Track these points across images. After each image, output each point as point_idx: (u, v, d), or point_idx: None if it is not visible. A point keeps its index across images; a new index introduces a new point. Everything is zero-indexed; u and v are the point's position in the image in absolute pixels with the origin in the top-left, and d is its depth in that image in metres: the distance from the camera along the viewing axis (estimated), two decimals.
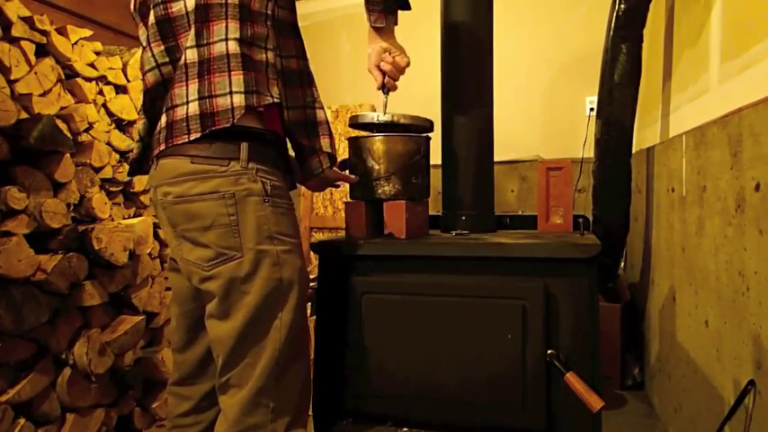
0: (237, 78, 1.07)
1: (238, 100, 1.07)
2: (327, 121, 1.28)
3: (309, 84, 1.28)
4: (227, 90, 1.07)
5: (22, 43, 1.84)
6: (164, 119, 1.11)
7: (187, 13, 1.10)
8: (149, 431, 2.10)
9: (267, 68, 1.14)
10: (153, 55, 1.14)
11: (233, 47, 1.08)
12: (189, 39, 1.09)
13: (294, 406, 1.16)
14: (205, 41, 1.09)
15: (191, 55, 1.08)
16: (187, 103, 1.08)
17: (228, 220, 1.09)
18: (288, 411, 1.15)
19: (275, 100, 1.13)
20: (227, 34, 1.08)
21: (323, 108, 1.28)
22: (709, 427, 1.45)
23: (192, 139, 1.08)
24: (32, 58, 1.88)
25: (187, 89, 1.09)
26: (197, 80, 1.08)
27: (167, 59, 1.14)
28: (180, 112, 1.09)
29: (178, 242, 1.15)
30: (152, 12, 1.14)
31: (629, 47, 2.05)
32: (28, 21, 1.87)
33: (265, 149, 1.15)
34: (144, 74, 1.18)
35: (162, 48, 1.13)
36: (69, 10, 2.62)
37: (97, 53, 2.16)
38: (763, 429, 1.15)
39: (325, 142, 1.26)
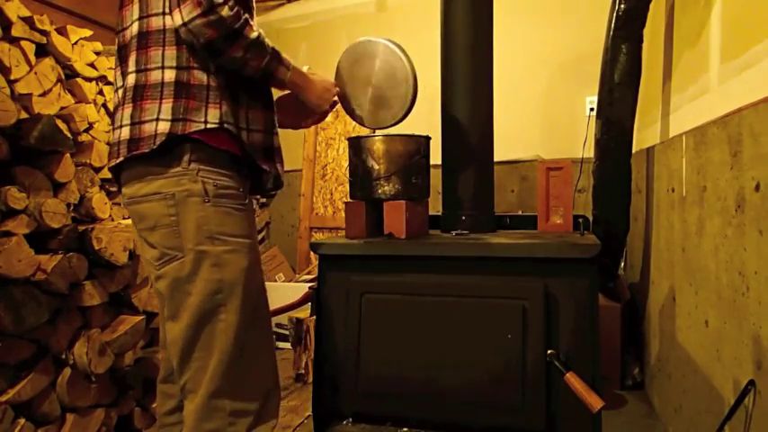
0: (167, 106, 1.09)
1: (162, 127, 1.08)
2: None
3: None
4: (155, 117, 1.09)
5: (22, 43, 1.84)
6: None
7: (131, 39, 1.14)
8: (149, 431, 2.10)
9: (208, 92, 1.12)
10: (115, 78, 1.21)
11: (168, 75, 1.09)
12: (130, 64, 1.13)
13: (256, 406, 1.16)
14: (143, 67, 1.11)
15: (130, 80, 1.13)
16: (121, 126, 1.13)
17: (170, 221, 1.11)
18: (249, 412, 1.15)
19: (210, 126, 1.10)
20: (163, 62, 1.10)
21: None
22: (709, 427, 1.45)
23: (118, 162, 1.13)
24: (32, 58, 1.88)
25: (123, 113, 1.13)
26: (131, 105, 1.11)
27: (121, 83, 1.18)
28: (116, 135, 1.14)
29: (140, 241, 1.19)
30: (116, 38, 1.20)
31: (629, 47, 2.05)
32: (28, 21, 1.87)
33: (212, 150, 1.13)
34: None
35: (119, 72, 1.19)
36: (69, 10, 2.62)
37: (97, 53, 2.16)
38: (763, 429, 1.15)
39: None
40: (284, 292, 3.17)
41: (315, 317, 1.51)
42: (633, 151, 2.19)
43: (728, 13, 1.42)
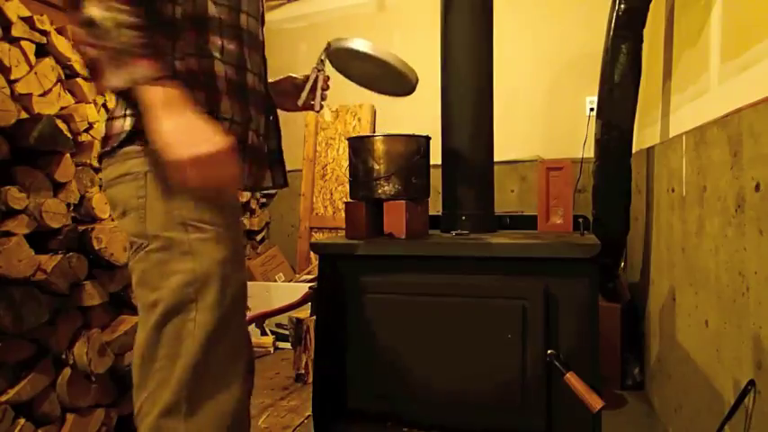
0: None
1: (129, 123, 0.99)
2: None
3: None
4: (123, 113, 1.01)
5: (22, 43, 1.84)
6: None
7: None
8: None
9: (187, 80, 1.00)
10: None
11: None
12: None
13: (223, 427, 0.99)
14: None
15: None
16: (105, 120, 1.07)
17: (137, 203, 0.99)
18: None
19: None
20: None
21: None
22: (709, 427, 1.45)
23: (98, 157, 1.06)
24: (32, 58, 1.88)
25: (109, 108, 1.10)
26: (114, 99, 1.06)
27: None
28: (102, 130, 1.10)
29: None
30: None
31: (629, 47, 2.05)
32: (28, 21, 1.87)
33: None
34: None
35: None
36: None
37: None
38: (763, 429, 1.15)
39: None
40: (284, 292, 3.17)
41: (315, 317, 1.51)
42: (633, 151, 2.19)
43: (728, 13, 1.42)
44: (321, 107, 1.37)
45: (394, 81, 1.41)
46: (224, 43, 1.07)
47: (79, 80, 2.07)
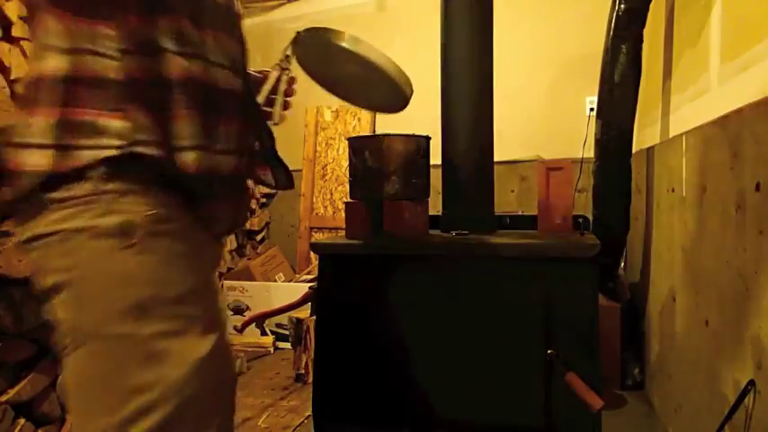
0: (44, 122, 0.65)
1: (48, 161, 0.65)
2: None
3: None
4: (37, 141, 0.66)
5: (22, 43, 1.84)
6: None
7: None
8: None
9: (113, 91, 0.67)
10: None
11: (53, 63, 0.66)
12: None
13: None
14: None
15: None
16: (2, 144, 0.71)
17: (59, 280, 0.67)
18: None
19: (109, 153, 0.65)
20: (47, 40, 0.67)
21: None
22: (709, 427, 1.45)
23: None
24: None
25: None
26: (19, 107, 0.71)
27: None
28: None
29: None
30: None
31: (629, 47, 2.05)
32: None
33: (145, 161, 0.68)
34: None
35: None
36: None
37: None
38: (763, 429, 1.15)
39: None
40: (284, 292, 3.18)
41: (315, 317, 1.51)
42: (633, 151, 2.19)
43: (728, 13, 1.42)
44: (282, 118, 0.96)
45: (382, 91, 1.07)
46: (180, 26, 0.70)
47: None
